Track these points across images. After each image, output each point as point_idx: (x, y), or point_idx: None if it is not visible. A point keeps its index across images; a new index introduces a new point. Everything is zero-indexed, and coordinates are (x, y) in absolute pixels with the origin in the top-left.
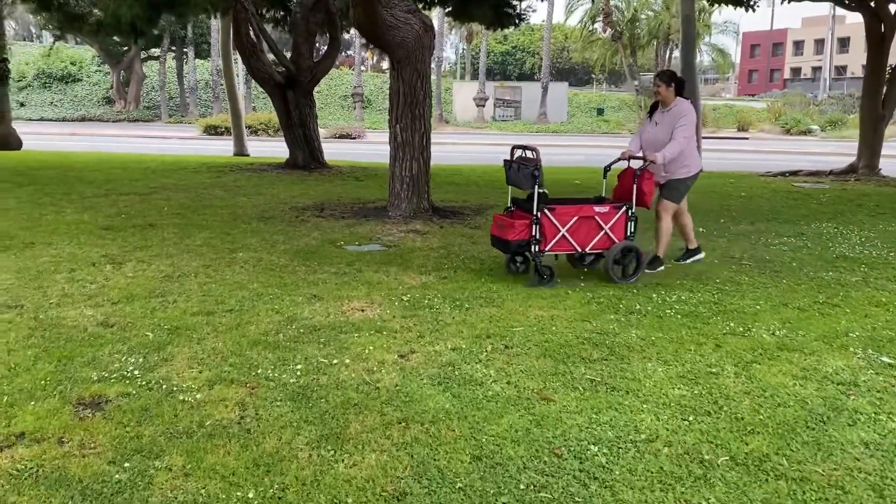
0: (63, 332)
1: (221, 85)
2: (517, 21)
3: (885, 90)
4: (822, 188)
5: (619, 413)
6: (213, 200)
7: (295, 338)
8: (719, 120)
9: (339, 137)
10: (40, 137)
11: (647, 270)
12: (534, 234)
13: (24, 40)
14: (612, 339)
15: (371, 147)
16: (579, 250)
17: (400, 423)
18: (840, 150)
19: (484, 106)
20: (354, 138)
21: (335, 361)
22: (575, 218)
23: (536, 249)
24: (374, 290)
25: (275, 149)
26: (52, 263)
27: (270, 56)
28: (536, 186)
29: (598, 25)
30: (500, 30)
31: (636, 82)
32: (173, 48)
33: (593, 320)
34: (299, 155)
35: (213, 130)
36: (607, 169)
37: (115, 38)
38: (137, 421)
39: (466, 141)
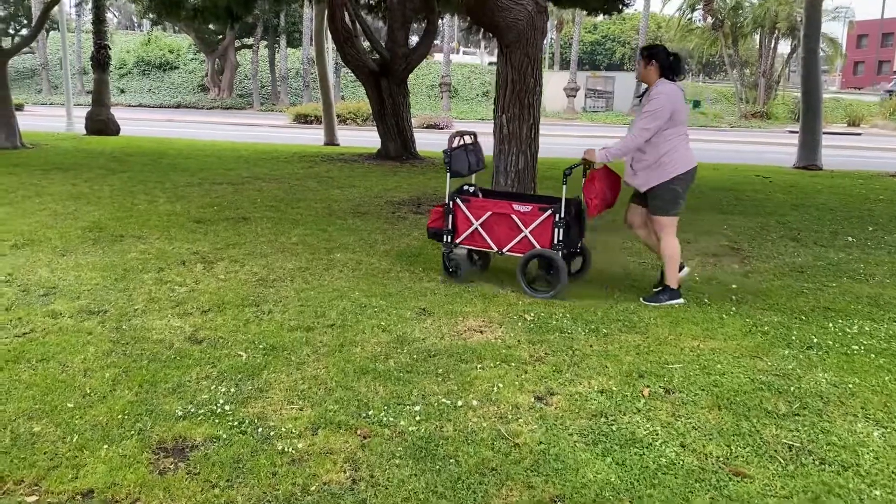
0: (147, 347)
1: (312, 73)
2: (622, 6)
3: None
4: None
5: None
6: (307, 193)
7: (408, 366)
8: (826, 114)
9: (426, 127)
10: (138, 123)
11: (646, 302)
12: (447, 224)
13: (126, 29)
14: (797, 385)
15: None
16: (495, 249)
17: (555, 502)
18: None
19: (575, 96)
20: (442, 128)
21: (459, 403)
22: (488, 213)
23: (448, 240)
24: (490, 304)
25: (364, 138)
26: (140, 261)
27: (364, 43)
28: (448, 175)
29: (698, 14)
30: (601, 16)
31: (736, 72)
32: (266, 37)
33: (765, 357)
34: (391, 145)
35: (302, 119)
36: (579, 172)
37: (210, 25)
38: (228, 479)
39: (557, 132)
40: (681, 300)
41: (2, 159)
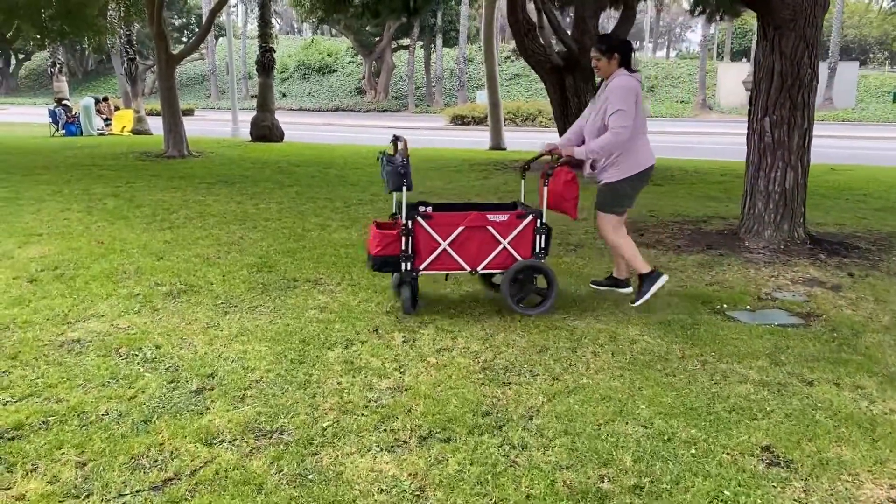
0: None
1: (467, 73)
2: None
3: None
4: None
5: None
6: None
7: None
8: None
9: None
10: (299, 128)
11: (637, 303)
12: (404, 248)
13: (287, 34)
14: None
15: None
16: (468, 269)
17: None
18: None
19: None
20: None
21: None
22: (460, 228)
23: (409, 267)
24: (875, 436)
25: (528, 140)
26: (321, 324)
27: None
28: (405, 188)
29: None
30: None
31: None
32: (422, 37)
33: None
34: None
35: (459, 120)
36: (526, 168)
37: (368, 28)
38: None
39: (736, 130)
40: (665, 277)
41: (168, 170)
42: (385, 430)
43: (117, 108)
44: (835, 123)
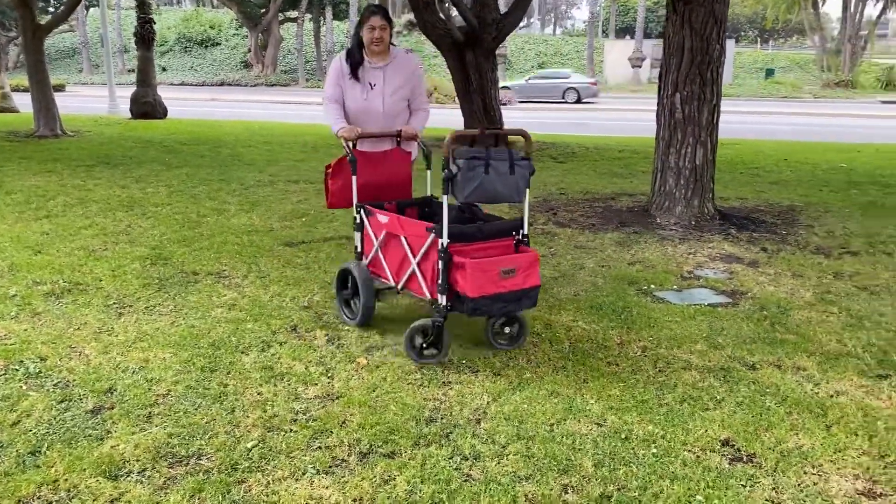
0: None
1: None
2: None
3: None
4: None
5: None
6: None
7: None
8: None
9: None
10: (183, 103)
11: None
12: None
13: (166, 5)
14: None
15: (526, 115)
16: None
17: None
18: None
19: (640, 66)
20: (504, 104)
21: None
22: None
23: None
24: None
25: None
26: (231, 325)
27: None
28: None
29: None
30: None
31: (818, 38)
32: (310, 9)
33: None
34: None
35: None
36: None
37: None
38: None
39: (623, 107)
40: None
41: (41, 151)
42: (319, 447)
43: None
44: None
